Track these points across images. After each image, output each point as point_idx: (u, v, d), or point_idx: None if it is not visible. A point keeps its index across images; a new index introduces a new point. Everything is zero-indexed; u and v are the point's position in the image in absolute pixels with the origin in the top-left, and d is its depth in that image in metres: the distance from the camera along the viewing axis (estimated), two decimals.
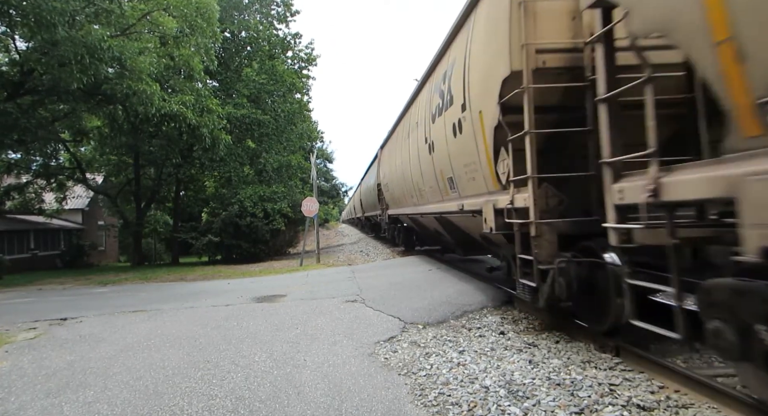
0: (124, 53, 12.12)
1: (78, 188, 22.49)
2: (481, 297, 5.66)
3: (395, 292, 6.44)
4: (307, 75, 24.44)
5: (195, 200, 24.23)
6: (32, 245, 23.08)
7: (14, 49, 14.36)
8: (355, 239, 26.02)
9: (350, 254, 16.33)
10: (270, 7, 22.55)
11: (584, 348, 3.72)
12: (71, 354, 4.31)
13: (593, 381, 2.97)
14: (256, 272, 12.57)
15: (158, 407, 2.96)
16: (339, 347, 4.09)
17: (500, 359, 3.57)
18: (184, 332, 4.92)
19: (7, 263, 17.94)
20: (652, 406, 2.58)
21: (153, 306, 6.74)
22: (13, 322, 6.00)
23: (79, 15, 11.46)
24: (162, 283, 11.17)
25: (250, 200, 18.18)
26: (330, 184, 51.10)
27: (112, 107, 15.61)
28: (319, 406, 2.86)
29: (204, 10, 14.64)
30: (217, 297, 7.30)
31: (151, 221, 23.32)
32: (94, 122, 19.28)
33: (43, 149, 18.54)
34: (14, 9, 11.01)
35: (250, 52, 22.05)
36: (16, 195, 19.94)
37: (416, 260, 10.81)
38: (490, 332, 4.36)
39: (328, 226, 45.75)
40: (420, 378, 3.28)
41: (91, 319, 5.97)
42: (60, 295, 9.46)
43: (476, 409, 2.70)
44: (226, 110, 17.54)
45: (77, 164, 20.55)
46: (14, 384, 3.53)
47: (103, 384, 3.44)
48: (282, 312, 5.69)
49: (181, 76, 16.52)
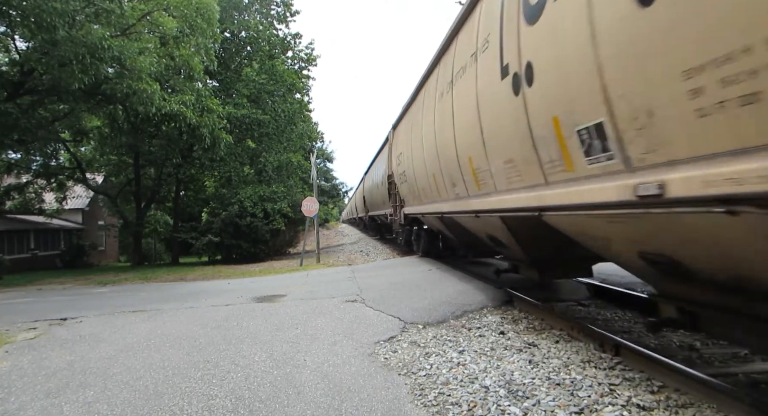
0: (124, 53, 12.13)
1: (78, 188, 22.50)
2: (481, 297, 5.66)
3: (395, 292, 6.44)
4: (307, 75, 24.47)
5: (195, 200, 24.25)
6: (32, 245, 23.08)
7: (14, 49, 14.36)
8: (355, 239, 26.02)
9: (350, 254, 16.33)
10: (270, 7, 22.55)
11: (584, 347, 3.72)
12: (71, 354, 4.31)
13: (593, 381, 2.97)
14: (256, 272, 12.57)
15: (158, 407, 2.96)
16: (339, 347, 4.09)
17: (500, 359, 3.57)
18: (184, 332, 4.92)
19: (7, 263, 17.96)
20: (652, 406, 2.58)
21: (153, 306, 6.74)
22: (13, 322, 6.00)
23: (79, 15, 11.46)
24: (162, 283, 11.16)
25: (250, 200, 18.19)
26: (330, 184, 51.18)
27: (112, 106, 15.63)
28: (319, 406, 2.86)
29: (204, 11, 14.65)
30: (217, 297, 7.29)
31: (151, 221, 23.34)
32: (94, 121, 19.30)
33: (43, 149, 18.56)
34: (14, 9, 11.02)
35: (250, 52, 22.06)
36: (16, 195, 19.95)
37: (416, 260, 10.80)
38: (490, 332, 4.36)
39: (328, 226, 45.76)
40: (420, 377, 3.28)
41: (91, 319, 5.97)
42: (60, 295, 9.46)
43: (476, 409, 2.70)
44: (226, 110, 17.55)
45: (77, 164, 20.56)
46: (14, 384, 3.53)
47: (103, 384, 3.44)
48: (282, 311, 5.69)
49: (181, 76, 16.52)
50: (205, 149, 17.70)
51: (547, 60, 3.13)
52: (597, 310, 5.07)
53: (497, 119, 4.08)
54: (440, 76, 6.25)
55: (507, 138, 3.94)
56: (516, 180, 3.98)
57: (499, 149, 4.19)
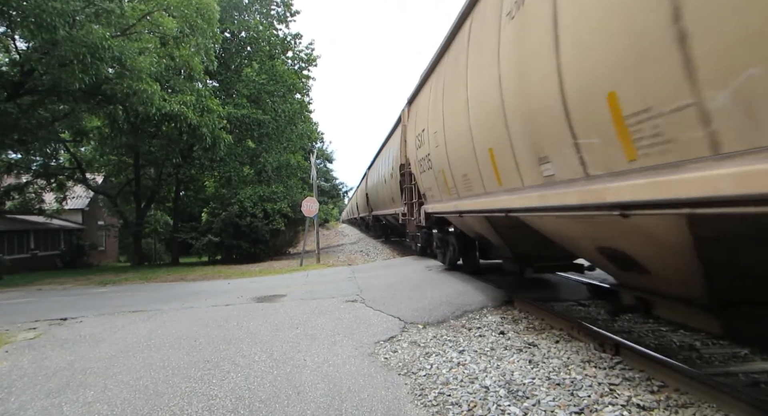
0: (125, 53, 12.13)
1: (78, 188, 22.49)
2: (481, 297, 5.66)
3: (395, 292, 6.44)
4: (307, 75, 24.46)
5: (195, 200, 24.24)
6: (32, 245, 23.08)
7: (14, 49, 14.36)
8: (355, 239, 26.02)
9: (350, 254, 16.33)
10: (270, 8, 22.54)
11: (584, 347, 3.72)
12: (71, 354, 4.31)
13: (593, 381, 2.97)
14: (256, 272, 12.57)
15: (158, 407, 2.96)
16: (339, 347, 4.09)
17: (500, 359, 3.57)
18: (184, 332, 4.92)
19: (7, 264, 17.95)
20: (652, 406, 2.58)
21: (153, 306, 6.74)
22: (13, 322, 6.00)
23: (79, 15, 11.47)
24: (162, 283, 11.16)
25: (250, 200, 18.19)
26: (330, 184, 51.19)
27: (112, 106, 15.62)
28: (319, 406, 2.86)
29: (204, 11, 14.64)
30: (217, 297, 7.29)
31: (151, 221, 23.34)
32: (94, 122, 19.29)
33: (43, 149, 18.56)
34: (14, 10, 11.02)
35: (250, 52, 22.06)
36: (16, 195, 19.94)
37: (415, 260, 10.80)
38: (490, 332, 4.36)
39: (328, 226, 45.71)
40: (420, 377, 3.28)
41: (91, 319, 5.97)
42: (60, 295, 9.46)
43: (476, 409, 2.70)
44: (226, 110, 17.54)
45: (77, 164, 20.56)
46: (14, 384, 3.53)
47: (103, 384, 3.44)
48: (282, 311, 5.69)
49: (181, 76, 16.53)
50: (205, 149, 17.70)
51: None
52: (597, 310, 5.08)
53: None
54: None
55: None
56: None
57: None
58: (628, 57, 2.26)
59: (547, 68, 3.00)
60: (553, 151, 3.17)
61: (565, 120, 2.88)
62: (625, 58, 2.28)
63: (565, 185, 3.10)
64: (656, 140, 2.19)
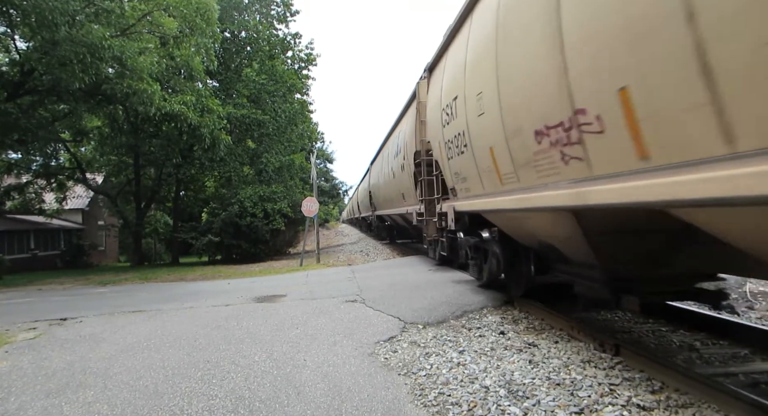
0: (125, 53, 12.12)
1: (78, 188, 22.48)
2: (481, 297, 5.66)
3: (395, 292, 6.44)
4: (307, 75, 24.46)
5: (195, 200, 24.24)
6: (32, 245, 23.08)
7: (14, 49, 14.36)
8: (355, 239, 26.02)
9: (350, 254, 16.32)
10: (270, 7, 22.53)
11: (584, 347, 3.72)
12: (71, 354, 4.31)
13: (593, 381, 2.97)
14: (256, 272, 12.57)
15: (158, 407, 2.96)
16: (339, 347, 4.09)
17: (500, 359, 3.57)
18: (184, 332, 4.92)
19: (7, 263, 17.95)
20: (652, 406, 2.58)
21: (153, 306, 6.74)
22: (13, 322, 6.00)
23: (79, 15, 11.47)
24: (162, 283, 11.16)
25: (250, 200, 18.18)
26: (330, 184, 51.15)
27: (113, 106, 15.63)
28: (319, 406, 2.86)
29: (204, 11, 14.64)
30: (217, 297, 7.29)
31: (151, 221, 23.34)
32: (94, 122, 19.30)
33: (43, 149, 18.53)
34: (15, 9, 11.02)
35: (250, 52, 22.05)
36: (16, 195, 19.93)
37: (416, 260, 10.80)
38: (490, 332, 4.36)
39: (328, 226, 45.74)
40: (420, 377, 3.28)
41: (91, 319, 5.97)
42: (60, 295, 9.46)
43: (476, 409, 2.70)
44: (226, 110, 17.54)
45: (77, 164, 20.55)
46: (14, 384, 3.53)
47: (103, 384, 3.44)
48: (282, 312, 5.69)
49: (181, 76, 16.53)
50: (205, 149, 17.69)
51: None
52: (597, 310, 5.08)
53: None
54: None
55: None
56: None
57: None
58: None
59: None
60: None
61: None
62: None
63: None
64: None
